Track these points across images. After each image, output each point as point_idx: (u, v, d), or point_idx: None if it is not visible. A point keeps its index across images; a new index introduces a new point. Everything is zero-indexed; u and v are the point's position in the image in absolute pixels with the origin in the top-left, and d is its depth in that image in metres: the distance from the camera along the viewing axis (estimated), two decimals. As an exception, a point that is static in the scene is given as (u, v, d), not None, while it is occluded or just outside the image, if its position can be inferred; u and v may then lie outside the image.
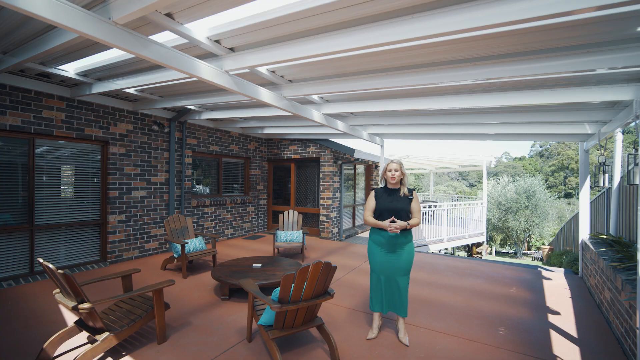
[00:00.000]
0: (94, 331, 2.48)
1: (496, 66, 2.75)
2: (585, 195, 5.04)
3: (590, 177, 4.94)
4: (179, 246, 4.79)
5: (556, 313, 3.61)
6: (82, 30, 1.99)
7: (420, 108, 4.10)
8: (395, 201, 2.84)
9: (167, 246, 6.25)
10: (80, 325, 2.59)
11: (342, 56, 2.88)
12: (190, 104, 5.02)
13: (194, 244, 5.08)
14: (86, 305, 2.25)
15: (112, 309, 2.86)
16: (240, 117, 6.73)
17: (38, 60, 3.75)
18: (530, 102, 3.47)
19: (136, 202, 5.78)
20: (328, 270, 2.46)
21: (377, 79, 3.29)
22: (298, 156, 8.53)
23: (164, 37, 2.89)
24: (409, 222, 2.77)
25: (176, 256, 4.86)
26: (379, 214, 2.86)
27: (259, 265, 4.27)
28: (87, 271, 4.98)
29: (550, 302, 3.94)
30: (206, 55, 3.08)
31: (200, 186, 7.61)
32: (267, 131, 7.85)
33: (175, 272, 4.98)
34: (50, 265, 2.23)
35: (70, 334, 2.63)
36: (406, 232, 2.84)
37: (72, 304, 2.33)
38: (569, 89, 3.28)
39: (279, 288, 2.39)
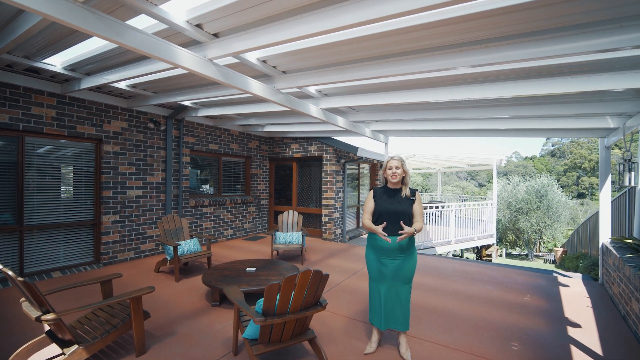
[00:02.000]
0: (62, 343, 2.27)
1: (510, 48, 2.44)
2: (606, 195, 4.66)
3: (612, 176, 4.56)
4: (171, 248, 4.58)
5: (576, 325, 3.27)
6: (37, 8, 1.77)
7: (425, 100, 3.80)
8: (395, 203, 2.55)
9: (161, 248, 6.07)
10: (51, 336, 2.38)
11: (337, 41, 2.61)
12: (184, 99, 4.82)
13: (188, 245, 4.87)
14: (50, 316, 2.04)
15: (89, 317, 2.65)
16: (238, 114, 6.52)
17: (21, 54, 3.58)
18: (546, 91, 3.13)
19: (131, 202, 5.61)
20: (318, 278, 2.19)
21: (377, 67, 3.01)
22: (300, 155, 8.28)
23: (145, 24, 2.67)
24: (415, 227, 2.46)
25: (169, 258, 4.66)
26: (377, 216, 2.58)
27: (253, 269, 4.02)
28: (80, 273, 4.82)
29: (568, 313, 3.60)
30: (190, 43, 2.85)
31: (207, 186, 7.47)
32: (267, 129, 7.63)
33: (169, 274, 4.79)
34: (10, 272, 2.02)
35: (41, 345, 2.43)
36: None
37: (36, 314, 2.12)
38: (591, 75, 2.93)
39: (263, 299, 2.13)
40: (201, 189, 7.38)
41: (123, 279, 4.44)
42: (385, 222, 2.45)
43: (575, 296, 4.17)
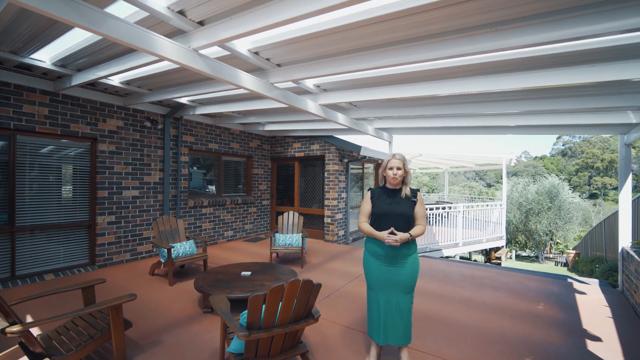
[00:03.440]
0: (34, 356, 2.10)
1: (524, 32, 2.19)
2: (626, 196, 4.35)
3: (633, 175, 4.24)
4: (165, 250, 4.42)
5: (596, 339, 2.99)
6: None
7: (431, 94, 3.55)
8: (395, 204, 2.33)
9: (155, 250, 5.93)
10: (24, 348, 2.22)
11: (332, 27, 2.39)
12: (180, 96, 4.64)
13: (184, 247, 4.71)
14: (15, 328, 1.87)
15: (68, 327, 2.48)
16: (237, 112, 6.35)
17: (7, 48, 3.46)
18: (562, 82, 2.86)
19: (127, 203, 5.48)
20: (309, 288, 1.98)
21: (377, 57, 2.78)
22: (302, 154, 8.08)
23: (127, 12, 2.50)
24: (411, 232, 2.26)
25: (163, 261, 4.50)
26: (375, 219, 2.36)
27: (248, 273, 3.83)
28: (74, 275, 4.70)
29: (587, 324, 3.32)
30: (175, 33, 2.67)
31: (213, 187, 7.33)
32: (268, 128, 7.45)
33: (163, 278, 4.63)
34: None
35: (14, 356, 2.27)
36: (409, 241, 2.32)
37: (2, 325, 1.95)
38: (613, 63, 2.65)
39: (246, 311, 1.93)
40: (207, 190, 7.25)
41: (115, 283, 4.31)
42: (392, 229, 2.24)
43: (593, 305, 3.88)
